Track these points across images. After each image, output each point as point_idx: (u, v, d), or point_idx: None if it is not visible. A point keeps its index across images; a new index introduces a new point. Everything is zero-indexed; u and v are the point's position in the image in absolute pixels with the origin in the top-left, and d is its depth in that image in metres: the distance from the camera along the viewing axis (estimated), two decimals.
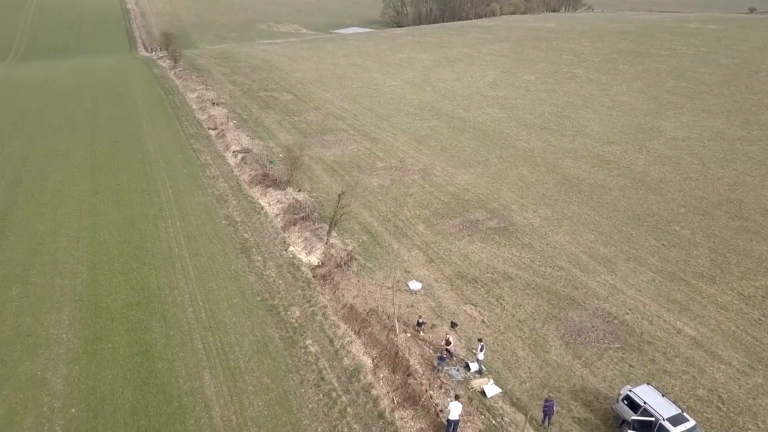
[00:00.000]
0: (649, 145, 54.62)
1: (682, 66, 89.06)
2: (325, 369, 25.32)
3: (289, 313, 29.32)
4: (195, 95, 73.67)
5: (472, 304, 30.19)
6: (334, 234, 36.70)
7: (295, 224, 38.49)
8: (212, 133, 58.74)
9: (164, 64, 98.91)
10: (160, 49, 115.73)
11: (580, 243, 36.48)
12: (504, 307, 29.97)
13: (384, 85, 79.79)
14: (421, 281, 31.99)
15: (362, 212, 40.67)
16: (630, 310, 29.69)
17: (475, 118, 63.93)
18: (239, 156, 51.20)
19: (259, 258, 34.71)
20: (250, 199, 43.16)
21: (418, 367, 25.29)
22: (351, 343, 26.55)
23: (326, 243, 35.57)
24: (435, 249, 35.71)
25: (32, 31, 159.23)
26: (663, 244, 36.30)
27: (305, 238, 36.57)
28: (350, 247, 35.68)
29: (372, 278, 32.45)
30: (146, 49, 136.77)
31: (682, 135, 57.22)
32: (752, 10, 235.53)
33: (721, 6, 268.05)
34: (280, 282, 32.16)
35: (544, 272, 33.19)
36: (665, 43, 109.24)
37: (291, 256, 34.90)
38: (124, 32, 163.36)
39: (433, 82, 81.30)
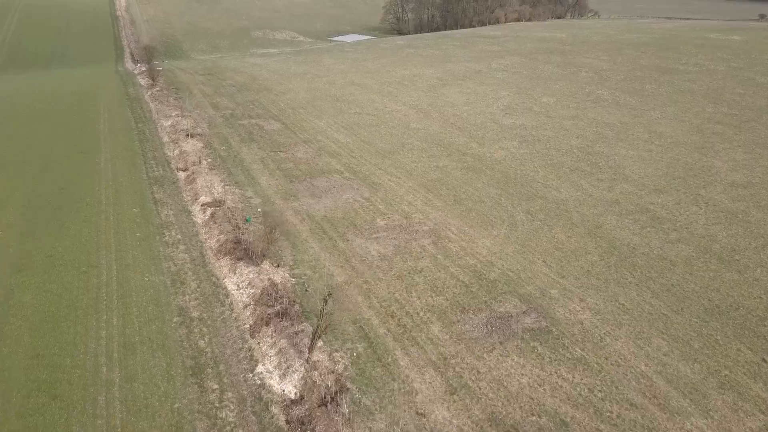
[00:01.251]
0: (705, 193, 45.33)
1: (716, 86, 79.89)
2: None
3: None
4: (169, 123, 64.36)
5: None
6: (319, 343, 27.38)
7: (268, 324, 29.15)
8: (181, 175, 49.42)
9: (142, 82, 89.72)
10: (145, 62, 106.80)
11: (651, 356, 27.12)
12: None
13: (385, 111, 70.39)
14: None
15: (358, 300, 31.32)
16: None
17: (492, 154, 54.59)
18: (208, 211, 41.86)
19: (216, 385, 25.32)
20: (214, 279, 33.75)
21: None
22: None
23: (307, 360, 26.23)
24: (457, 368, 26.32)
25: (15, 39, 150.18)
26: (763, 359, 26.98)
27: (280, 350, 27.21)
28: (340, 367, 26.29)
29: (370, 428, 23.06)
30: (133, 60, 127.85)
31: (742, 180, 47.91)
32: (762, 17, 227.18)
33: (728, 12, 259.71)
34: None
35: (611, 413, 23.82)
36: (690, 57, 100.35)
37: (259, 381, 25.53)
38: (112, 41, 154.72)
39: (441, 107, 71.97)
